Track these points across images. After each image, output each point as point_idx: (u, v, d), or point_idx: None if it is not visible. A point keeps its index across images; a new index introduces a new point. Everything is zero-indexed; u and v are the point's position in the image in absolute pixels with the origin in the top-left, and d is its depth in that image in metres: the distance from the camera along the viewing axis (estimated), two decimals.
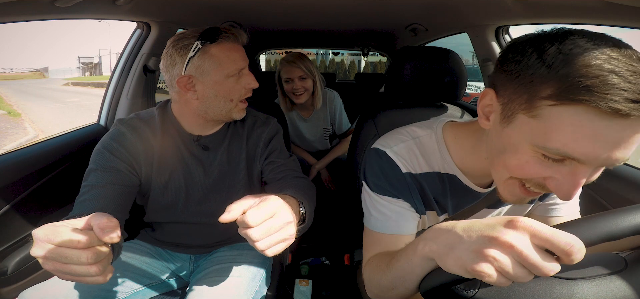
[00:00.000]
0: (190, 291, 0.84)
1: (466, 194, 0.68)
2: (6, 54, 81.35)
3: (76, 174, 1.23)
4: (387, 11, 1.53)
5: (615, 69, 0.38)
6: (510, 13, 1.18)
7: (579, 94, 0.39)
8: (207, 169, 0.92)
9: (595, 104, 0.38)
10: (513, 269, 0.37)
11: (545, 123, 0.43)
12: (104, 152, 0.83)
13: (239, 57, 0.86)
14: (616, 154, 0.42)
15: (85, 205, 0.77)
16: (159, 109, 0.92)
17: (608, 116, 0.39)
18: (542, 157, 0.46)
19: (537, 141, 0.45)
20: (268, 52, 3.99)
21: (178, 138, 0.90)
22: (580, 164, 0.44)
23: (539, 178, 0.48)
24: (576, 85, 0.39)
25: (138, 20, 1.41)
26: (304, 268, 1.73)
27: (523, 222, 0.37)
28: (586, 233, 0.38)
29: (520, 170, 0.49)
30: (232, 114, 0.88)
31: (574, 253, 0.35)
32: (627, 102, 0.38)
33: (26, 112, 12.56)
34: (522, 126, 0.46)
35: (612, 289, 0.43)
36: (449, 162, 0.65)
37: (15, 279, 1.00)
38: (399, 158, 0.66)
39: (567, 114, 0.41)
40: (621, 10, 0.80)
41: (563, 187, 0.46)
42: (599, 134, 0.40)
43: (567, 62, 0.41)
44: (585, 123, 0.40)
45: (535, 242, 0.37)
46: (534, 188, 0.51)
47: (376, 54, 3.50)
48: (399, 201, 0.66)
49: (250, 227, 0.53)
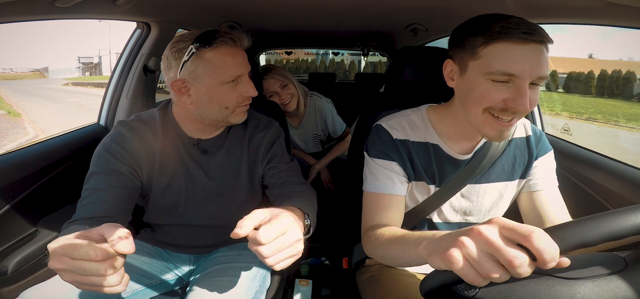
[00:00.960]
0: (190, 291, 0.84)
1: (449, 162, 0.81)
2: (6, 54, 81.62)
3: (76, 174, 1.23)
4: (387, 11, 1.53)
5: (513, 20, 0.64)
6: (510, 13, 1.17)
7: (498, 35, 0.63)
8: (208, 172, 0.91)
9: (507, 39, 0.63)
10: (479, 257, 0.40)
11: (485, 58, 0.65)
12: (105, 154, 0.83)
13: (237, 63, 0.83)
14: (533, 69, 0.63)
15: (89, 208, 0.78)
16: (160, 111, 0.91)
17: (517, 43, 0.62)
18: (493, 82, 0.65)
19: (484, 70, 0.65)
20: (268, 52, 3.99)
21: (178, 141, 0.89)
22: (518, 78, 0.63)
23: (499, 102, 0.65)
24: (496, 30, 0.63)
25: (138, 20, 1.41)
26: (304, 268, 1.73)
27: (496, 219, 0.42)
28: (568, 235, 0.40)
29: (484, 98, 0.66)
30: (230, 119, 0.87)
31: (533, 240, 0.37)
32: (522, 34, 0.62)
33: (26, 112, 12.56)
34: (473, 69, 0.68)
35: (612, 289, 0.44)
36: (433, 133, 0.82)
37: (15, 279, 1.00)
38: (392, 128, 0.82)
39: (496, 47, 0.64)
40: (621, 10, 0.80)
41: (517, 100, 0.64)
42: (516, 55, 0.62)
43: (487, 23, 0.65)
44: (507, 50, 0.63)
45: (503, 233, 0.40)
46: (502, 115, 0.67)
47: (376, 54, 3.51)
48: (392, 163, 0.80)
49: (262, 244, 0.54)
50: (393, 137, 0.81)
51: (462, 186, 0.82)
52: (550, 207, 0.79)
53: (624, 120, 10.42)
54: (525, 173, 0.82)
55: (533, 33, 0.62)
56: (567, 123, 8.62)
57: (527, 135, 0.84)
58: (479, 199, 0.84)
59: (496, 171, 0.82)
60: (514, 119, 0.67)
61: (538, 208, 0.80)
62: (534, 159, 0.82)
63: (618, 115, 10.99)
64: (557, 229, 0.41)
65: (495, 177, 0.82)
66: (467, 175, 0.81)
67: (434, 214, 0.86)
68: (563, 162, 1.18)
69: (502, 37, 0.63)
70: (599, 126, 10.13)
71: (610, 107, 12.34)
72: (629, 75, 14.36)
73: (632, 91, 13.45)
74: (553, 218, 0.78)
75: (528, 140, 0.83)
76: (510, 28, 0.62)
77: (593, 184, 1.04)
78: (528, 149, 0.83)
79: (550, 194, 0.81)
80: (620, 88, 14.14)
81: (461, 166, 0.81)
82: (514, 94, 0.64)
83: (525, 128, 0.85)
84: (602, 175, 1.04)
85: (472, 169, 0.80)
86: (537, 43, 0.62)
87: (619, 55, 55.60)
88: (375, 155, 0.81)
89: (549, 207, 0.79)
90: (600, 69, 15.18)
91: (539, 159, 0.82)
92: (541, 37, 0.62)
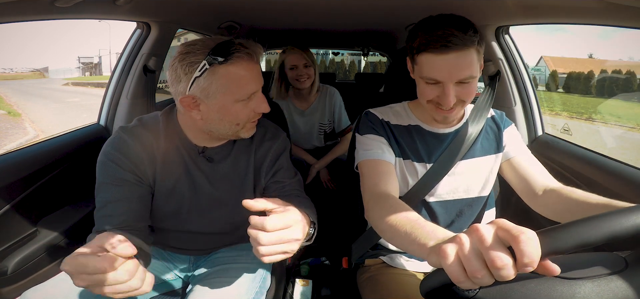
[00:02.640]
0: (191, 291, 0.84)
1: (431, 137, 0.91)
2: (6, 54, 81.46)
3: (76, 175, 1.23)
4: (387, 11, 1.53)
5: (436, 33, 0.73)
6: (510, 13, 1.18)
7: (423, 47, 0.75)
8: (213, 181, 0.89)
9: (430, 51, 0.74)
10: (469, 253, 0.41)
11: (418, 65, 0.78)
12: (109, 164, 0.82)
13: (252, 79, 0.78)
14: (453, 74, 0.74)
15: (107, 220, 0.79)
16: (164, 115, 0.89)
17: (438, 53, 0.73)
18: (426, 84, 0.78)
19: (418, 74, 0.79)
20: (268, 52, 3.99)
21: (182, 148, 0.87)
22: (444, 82, 0.75)
23: (434, 97, 0.78)
24: (422, 43, 0.75)
25: (138, 20, 1.41)
26: (304, 268, 1.73)
27: (498, 220, 0.42)
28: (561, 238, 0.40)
29: (423, 94, 0.80)
30: (240, 134, 0.85)
31: (519, 242, 0.38)
32: (440, 46, 0.72)
33: (26, 112, 12.55)
34: (415, 70, 0.81)
35: (613, 289, 0.44)
36: (413, 117, 0.93)
37: (15, 279, 1.00)
38: (378, 112, 0.94)
39: (423, 57, 0.76)
40: (621, 10, 0.80)
41: (442, 99, 0.77)
42: (438, 63, 0.74)
43: (417, 34, 0.77)
44: (430, 60, 0.75)
45: (498, 233, 0.41)
46: (440, 106, 0.79)
47: (376, 54, 3.50)
48: (379, 137, 0.89)
49: (265, 229, 0.55)
50: (379, 118, 0.92)
51: (451, 163, 0.88)
52: (530, 170, 0.87)
53: (625, 119, 10.42)
54: (499, 145, 0.92)
55: (450, 45, 0.71)
56: (567, 123, 8.61)
57: (492, 115, 0.96)
58: (470, 174, 0.90)
59: (479, 147, 0.91)
60: (456, 107, 0.78)
61: (520, 173, 0.88)
62: (503, 130, 0.93)
63: (618, 115, 10.98)
64: (553, 230, 0.41)
65: (479, 153, 0.91)
66: (454, 152, 0.88)
67: (430, 196, 0.90)
68: (563, 162, 1.18)
69: (425, 49, 0.74)
70: (599, 125, 10.14)
71: (611, 108, 12.33)
72: (629, 75, 14.35)
73: (632, 90, 13.45)
74: (536, 179, 0.84)
75: (493, 118, 0.96)
76: (431, 42, 0.73)
77: (593, 184, 1.03)
78: (495, 124, 0.94)
79: (525, 158, 0.90)
80: (620, 88, 14.14)
81: (446, 141, 0.90)
82: (440, 93, 0.77)
83: (490, 111, 0.96)
84: (602, 175, 1.04)
85: (458, 145, 0.88)
86: (457, 51, 0.72)
87: (619, 56, 55.58)
88: (364, 132, 0.91)
89: (529, 170, 0.87)
90: (600, 69, 15.17)
91: (506, 130, 0.93)
92: (462, 45, 0.72)
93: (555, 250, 0.39)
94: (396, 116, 0.93)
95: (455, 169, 0.89)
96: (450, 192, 0.91)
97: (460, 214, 0.93)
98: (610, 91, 14.55)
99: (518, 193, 0.89)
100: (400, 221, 0.63)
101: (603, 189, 1.01)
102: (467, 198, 0.92)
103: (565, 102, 13.78)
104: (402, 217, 0.64)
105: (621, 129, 9.55)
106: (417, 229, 0.58)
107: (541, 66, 18.03)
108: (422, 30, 0.76)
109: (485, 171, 0.92)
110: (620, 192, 0.95)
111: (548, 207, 0.79)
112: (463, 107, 0.83)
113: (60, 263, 0.56)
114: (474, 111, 0.91)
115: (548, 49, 78.41)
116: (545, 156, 1.23)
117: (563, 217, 0.75)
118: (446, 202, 0.91)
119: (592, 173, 1.07)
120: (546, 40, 68.72)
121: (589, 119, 11.06)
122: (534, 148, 1.06)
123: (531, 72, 1.47)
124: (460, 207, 0.92)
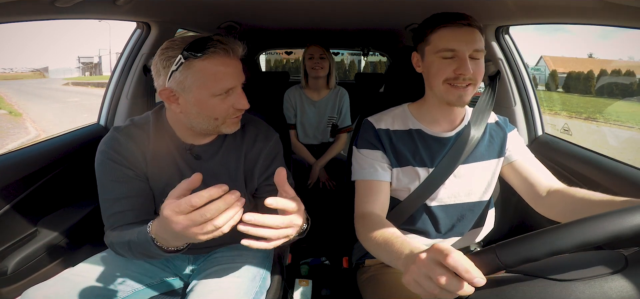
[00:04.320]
0: (191, 291, 0.84)
1: (433, 141, 0.91)
2: (6, 54, 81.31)
3: (76, 174, 1.23)
4: (387, 11, 1.53)
5: (451, 13, 0.82)
6: (510, 13, 1.18)
7: (440, 23, 0.82)
8: (204, 179, 0.90)
9: (446, 24, 0.82)
10: (420, 278, 0.51)
11: (434, 42, 0.83)
12: (109, 163, 0.82)
13: (229, 75, 0.78)
14: (468, 44, 0.79)
15: (119, 218, 0.81)
16: (154, 114, 0.89)
17: (453, 27, 0.81)
18: (442, 59, 0.81)
19: (434, 50, 0.83)
20: (268, 52, 3.99)
21: (172, 145, 0.88)
22: (459, 52, 0.79)
23: (451, 72, 0.80)
24: (438, 20, 0.82)
25: (138, 21, 1.41)
26: (304, 268, 1.73)
27: (435, 245, 0.51)
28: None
29: (440, 72, 0.82)
30: (221, 129, 0.84)
31: (447, 260, 0.47)
32: (456, 20, 0.81)
33: (27, 112, 12.54)
34: (428, 52, 0.85)
35: (613, 288, 0.43)
36: (414, 121, 0.93)
37: (15, 279, 1.00)
38: (376, 121, 0.93)
39: (440, 32, 0.82)
40: (621, 10, 0.80)
41: (461, 67, 0.79)
42: (456, 33, 0.80)
43: (433, 18, 0.84)
44: (447, 33, 0.81)
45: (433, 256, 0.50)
46: (457, 83, 0.81)
47: (376, 54, 3.50)
48: (375, 152, 0.90)
49: (267, 225, 0.59)
50: (376, 128, 0.92)
51: (453, 167, 0.88)
52: (534, 172, 0.88)
53: (624, 119, 10.42)
54: (502, 149, 0.93)
55: (464, 19, 0.80)
56: (567, 123, 8.61)
57: (496, 120, 0.97)
58: (472, 178, 0.90)
59: (481, 151, 0.91)
60: (469, 86, 0.81)
61: (524, 175, 0.88)
62: (507, 134, 0.94)
63: (618, 114, 10.98)
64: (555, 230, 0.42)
65: (481, 157, 0.91)
66: (456, 156, 0.88)
67: (431, 200, 0.90)
68: (563, 162, 1.18)
69: (442, 24, 0.81)
70: (599, 125, 10.13)
71: (610, 107, 12.33)
72: (629, 75, 14.34)
73: (632, 90, 13.45)
74: (539, 181, 0.85)
75: (497, 123, 0.96)
76: (448, 17, 0.81)
77: (593, 184, 1.03)
78: (499, 128, 0.95)
79: (528, 161, 0.91)
80: (619, 88, 14.13)
81: (448, 145, 0.90)
82: (459, 63, 0.80)
83: (493, 116, 0.97)
84: (602, 175, 1.04)
85: (460, 149, 0.88)
86: (469, 26, 0.80)
87: (619, 56, 55.54)
88: (361, 146, 0.92)
89: (533, 172, 0.88)
90: (600, 69, 15.16)
91: (510, 134, 0.94)
92: (472, 22, 0.81)
93: (556, 250, 0.40)
94: (396, 120, 0.93)
95: (457, 172, 0.89)
96: (451, 197, 0.90)
97: (461, 218, 0.92)
98: (609, 90, 14.53)
99: (522, 196, 0.89)
100: (378, 237, 0.72)
101: (603, 189, 1.00)
102: (469, 202, 0.92)
103: (565, 102, 13.77)
104: (380, 234, 0.72)
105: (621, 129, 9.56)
106: (391, 251, 0.65)
107: (541, 66, 18.00)
108: (436, 15, 0.83)
109: (487, 174, 0.92)
110: (620, 192, 0.95)
111: (553, 208, 0.79)
112: (474, 89, 0.84)
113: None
114: (475, 113, 0.91)
115: (548, 49, 78.36)
116: (545, 156, 1.23)
117: (568, 217, 0.75)
118: (447, 206, 0.91)
119: (591, 173, 1.07)
120: (546, 40, 68.63)
121: (588, 118, 11.05)
122: (533, 148, 1.05)
123: (531, 72, 1.47)
124: (461, 212, 0.92)
